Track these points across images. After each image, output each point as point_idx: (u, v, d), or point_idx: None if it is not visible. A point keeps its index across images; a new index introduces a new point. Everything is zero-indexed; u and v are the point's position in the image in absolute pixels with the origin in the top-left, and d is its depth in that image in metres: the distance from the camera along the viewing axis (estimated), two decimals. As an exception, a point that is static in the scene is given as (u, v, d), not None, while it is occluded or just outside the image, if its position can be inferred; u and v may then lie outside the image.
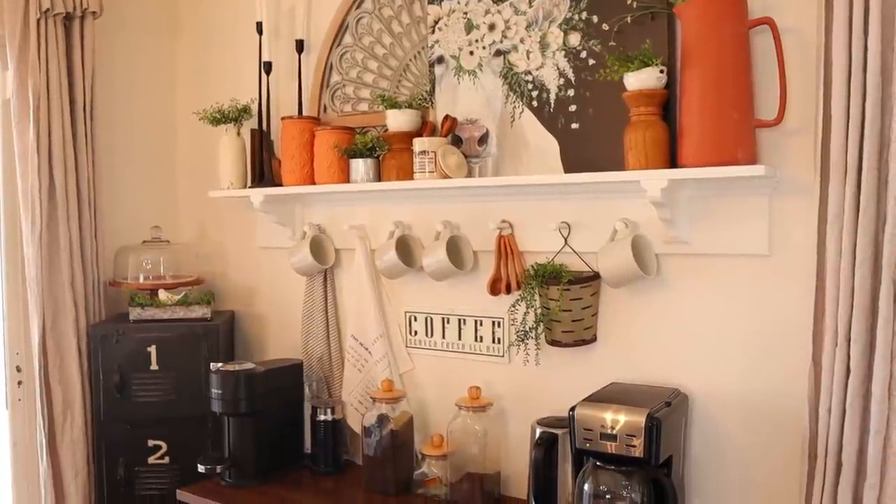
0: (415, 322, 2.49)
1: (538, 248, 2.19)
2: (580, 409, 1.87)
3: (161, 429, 2.66)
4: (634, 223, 2.03)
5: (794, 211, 1.85)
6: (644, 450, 1.78)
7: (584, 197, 2.10)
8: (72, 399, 2.68)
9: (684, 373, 2.02)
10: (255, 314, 2.96)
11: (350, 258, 2.59)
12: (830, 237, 1.69)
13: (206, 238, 3.11)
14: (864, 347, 1.66)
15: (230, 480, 2.42)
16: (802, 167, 1.82)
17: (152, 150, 3.10)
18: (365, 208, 2.55)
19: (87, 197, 2.75)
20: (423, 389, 2.49)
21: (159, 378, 2.64)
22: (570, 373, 2.18)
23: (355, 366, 2.56)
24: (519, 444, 2.26)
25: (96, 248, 2.80)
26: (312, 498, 2.31)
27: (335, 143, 2.40)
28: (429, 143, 2.20)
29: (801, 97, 1.81)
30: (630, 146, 1.88)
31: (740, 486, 1.96)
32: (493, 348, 2.33)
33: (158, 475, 2.66)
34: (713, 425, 1.99)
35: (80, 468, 2.70)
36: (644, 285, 2.05)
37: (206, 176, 2.96)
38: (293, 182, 2.51)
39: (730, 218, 1.92)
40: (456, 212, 2.35)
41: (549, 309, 2.08)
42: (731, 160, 1.75)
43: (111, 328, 2.66)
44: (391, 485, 2.30)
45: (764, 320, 1.90)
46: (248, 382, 2.39)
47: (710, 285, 1.97)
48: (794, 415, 1.85)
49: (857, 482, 1.69)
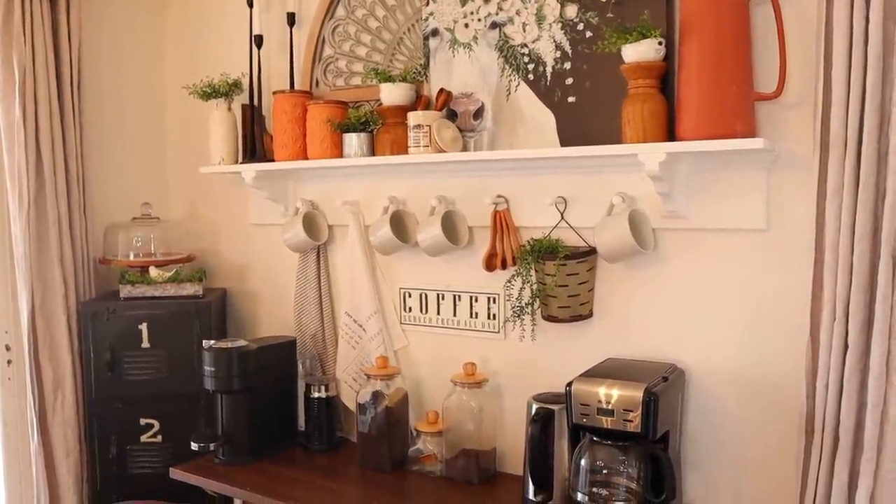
0: (409, 298, 2.47)
1: (534, 223, 2.17)
2: (577, 384, 1.87)
3: (153, 407, 2.65)
4: (631, 198, 2.01)
5: (792, 185, 1.84)
6: (641, 425, 1.77)
7: (581, 171, 2.08)
8: (62, 378, 2.66)
9: (681, 348, 2.01)
10: (247, 291, 2.94)
11: (343, 234, 2.56)
12: (829, 211, 1.68)
13: (197, 215, 3.07)
14: (863, 322, 1.65)
15: (223, 458, 2.41)
16: (801, 141, 1.81)
17: (141, 126, 3.06)
18: (359, 184, 2.52)
19: (76, 173, 2.71)
20: (418, 366, 2.48)
21: (151, 356, 2.62)
22: (566, 348, 2.17)
23: (349, 343, 2.54)
24: (514, 420, 2.25)
25: (85, 225, 2.76)
26: (307, 475, 2.30)
27: (328, 118, 2.37)
28: (423, 117, 2.17)
29: (801, 70, 1.79)
30: (628, 119, 1.86)
31: (737, 461, 1.96)
32: (489, 324, 2.31)
33: (151, 453, 2.65)
34: (710, 400, 1.99)
35: (72, 447, 2.68)
36: (641, 260, 2.03)
37: (197, 152, 2.92)
38: (285, 157, 2.47)
39: (727, 192, 1.91)
40: (451, 187, 2.32)
41: (545, 284, 2.06)
42: (729, 133, 1.74)
43: (102, 306, 2.63)
44: (386, 462, 2.30)
45: (761, 295, 1.90)
46: (241, 359, 2.37)
47: (708, 260, 1.96)
48: (790, 390, 1.85)
49: (853, 457, 1.69)
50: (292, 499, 2.11)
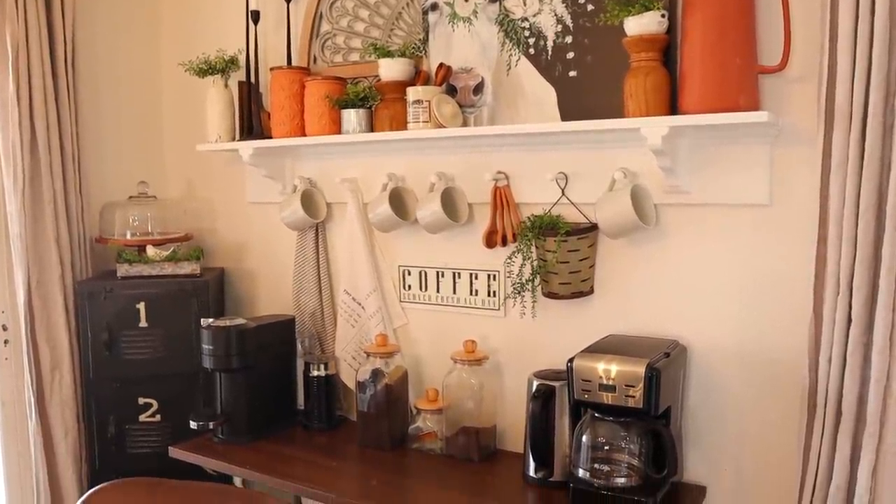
0: (409, 276, 2.46)
1: (535, 199, 2.15)
2: (578, 360, 1.86)
3: (151, 386, 2.63)
4: (633, 173, 1.99)
5: (795, 160, 1.82)
6: (643, 400, 1.76)
7: (582, 147, 2.06)
8: (60, 357, 2.64)
9: (683, 324, 2.00)
10: (245, 270, 2.92)
11: (342, 212, 2.54)
12: (834, 185, 1.66)
13: (194, 194, 3.05)
14: (867, 296, 1.64)
15: (223, 437, 2.40)
16: (805, 114, 1.79)
17: (137, 104, 3.02)
18: (357, 161, 2.50)
19: (71, 151, 2.68)
20: (418, 344, 2.47)
21: (149, 335, 2.61)
22: (567, 325, 2.16)
23: (348, 321, 2.53)
24: (515, 397, 2.24)
25: (81, 204, 2.74)
26: (306, 453, 2.29)
27: (326, 94, 2.34)
28: (423, 93, 2.14)
29: (806, 42, 1.76)
30: (630, 93, 1.83)
31: (738, 437, 1.96)
32: (489, 302, 2.30)
33: (150, 433, 2.64)
34: (711, 377, 1.98)
35: (70, 427, 2.67)
36: (642, 236, 2.02)
37: (194, 130, 2.89)
38: (283, 134, 2.45)
39: (730, 167, 1.89)
40: (451, 163, 2.30)
41: (546, 261, 2.05)
42: (733, 106, 1.72)
43: (99, 285, 2.61)
44: (386, 440, 2.29)
45: (764, 271, 1.88)
46: (239, 338, 2.36)
47: (710, 235, 1.95)
48: (793, 366, 1.84)
49: (856, 432, 1.69)
50: (292, 477, 2.10)
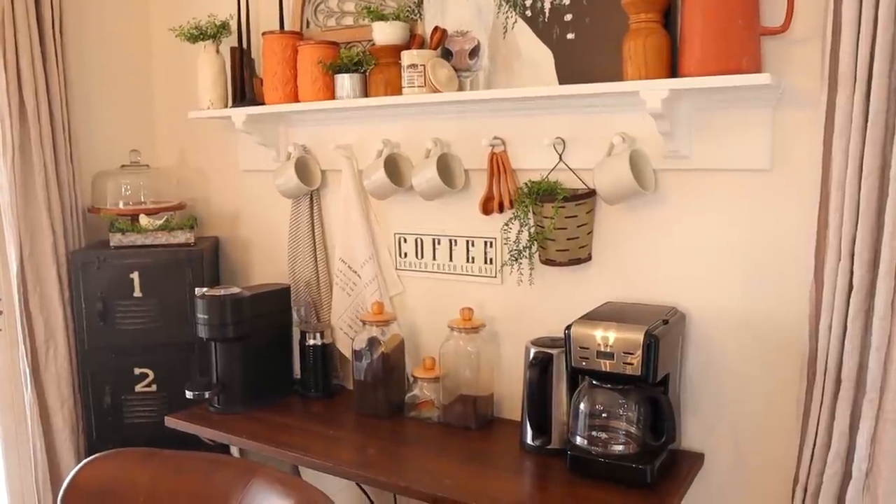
0: (404, 244, 2.43)
1: (532, 165, 2.12)
2: (576, 327, 1.84)
3: (147, 357, 2.61)
4: (632, 137, 1.96)
5: (798, 123, 1.79)
6: (641, 368, 1.75)
7: (580, 111, 2.02)
8: (54, 328, 2.62)
9: (681, 291, 1.98)
10: (239, 239, 2.89)
11: (337, 179, 2.50)
12: (837, 149, 1.63)
13: (186, 162, 3.01)
14: (869, 262, 1.62)
15: (219, 406, 2.39)
16: (808, 77, 1.75)
17: (127, 70, 2.97)
18: (351, 127, 2.45)
19: (61, 119, 2.63)
20: (414, 312, 2.45)
21: (143, 305, 2.58)
22: (565, 293, 2.14)
23: (344, 289, 2.50)
24: (512, 365, 2.23)
25: (73, 173, 2.69)
26: (303, 422, 2.28)
27: (319, 59, 2.29)
28: (418, 57, 2.10)
29: (809, 2, 1.72)
30: (629, 55, 1.79)
31: (737, 404, 1.95)
32: (486, 269, 2.28)
33: (146, 403, 2.63)
34: (710, 344, 1.96)
35: (66, 398, 2.66)
36: (641, 202, 1.99)
37: (186, 97, 2.85)
38: (276, 100, 2.40)
39: (731, 131, 1.85)
40: (446, 129, 2.26)
41: (543, 227, 2.02)
42: (734, 69, 1.68)
43: (92, 255, 2.58)
44: (383, 408, 2.28)
45: (764, 237, 1.86)
46: (234, 307, 2.33)
47: (710, 201, 1.92)
48: (792, 333, 1.83)
49: (855, 399, 1.68)
50: (288, 446, 2.09)
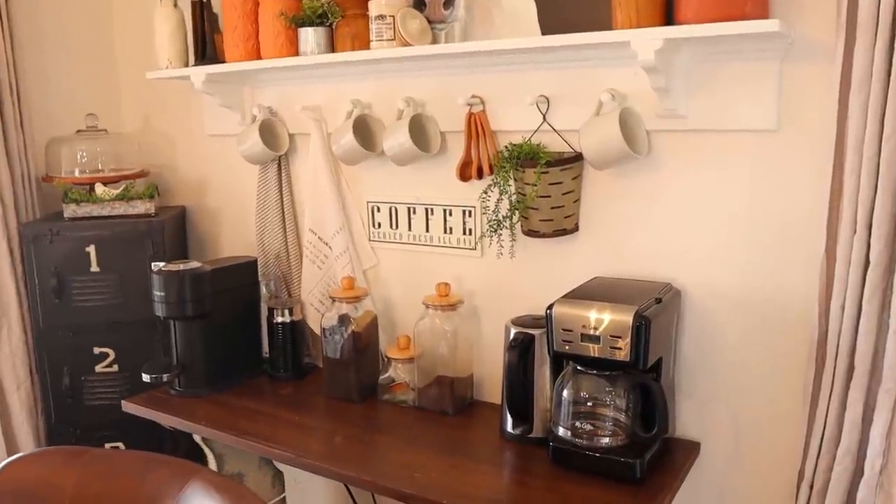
0: (378, 213, 2.25)
1: (513, 126, 1.93)
2: (559, 306, 1.66)
3: (107, 335, 2.45)
4: (622, 95, 1.76)
5: (809, 78, 1.59)
6: (630, 353, 1.57)
7: (565, 66, 1.83)
8: (6, 306, 2.46)
9: (677, 266, 1.80)
10: (207, 209, 2.71)
11: (306, 143, 2.31)
12: (854, 105, 1.44)
13: (151, 126, 2.81)
14: (888, 235, 1.43)
15: (180, 389, 2.22)
16: (822, 25, 1.55)
17: (84, 28, 2.75)
18: (319, 87, 2.26)
19: (8, 81, 2.43)
20: (388, 287, 2.28)
21: (101, 280, 2.41)
22: (549, 266, 1.97)
23: (314, 262, 2.33)
24: (493, 344, 2.07)
25: (24, 140, 2.50)
26: (269, 407, 2.12)
27: (281, 11, 2.09)
28: (386, 7, 1.89)
29: (824, -63, 1.52)
30: (618, 1, 1.59)
31: (737, 390, 1.78)
32: (464, 240, 2.10)
33: (107, 384, 2.47)
34: (709, 323, 1.79)
35: (23, 379, 2.50)
36: (633, 167, 1.80)
37: (148, 57, 2.63)
38: (237, 57, 2.20)
39: (733, 87, 1.66)
40: (420, 87, 2.07)
41: (525, 195, 1.84)
42: (738, 15, 1.47)
43: (44, 227, 2.40)
44: (354, 391, 2.12)
45: (770, 206, 1.67)
46: (193, 283, 2.16)
47: (709, 166, 1.73)
48: (800, 312, 1.65)
49: (869, 387, 1.51)
50: (252, 434, 1.93)
